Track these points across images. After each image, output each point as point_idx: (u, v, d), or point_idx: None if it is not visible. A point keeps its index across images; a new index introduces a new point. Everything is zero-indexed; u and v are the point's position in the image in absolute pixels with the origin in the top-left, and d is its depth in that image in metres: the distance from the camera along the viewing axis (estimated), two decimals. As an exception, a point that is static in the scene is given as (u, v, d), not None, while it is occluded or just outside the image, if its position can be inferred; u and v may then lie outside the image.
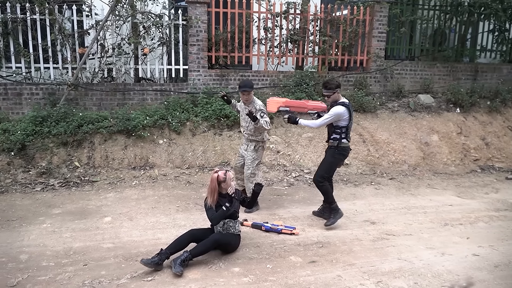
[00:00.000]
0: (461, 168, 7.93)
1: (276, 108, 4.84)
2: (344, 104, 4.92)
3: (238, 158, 5.78)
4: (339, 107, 4.87)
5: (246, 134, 5.53)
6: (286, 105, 4.83)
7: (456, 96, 9.00)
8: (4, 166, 6.45)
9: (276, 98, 4.95)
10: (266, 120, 5.23)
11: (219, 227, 4.25)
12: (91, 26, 7.71)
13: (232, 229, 4.29)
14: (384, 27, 9.02)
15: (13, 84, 7.35)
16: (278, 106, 4.82)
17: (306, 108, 4.91)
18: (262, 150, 5.63)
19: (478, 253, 4.47)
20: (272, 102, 4.95)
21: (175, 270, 3.79)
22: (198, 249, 4.02)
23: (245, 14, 8.37)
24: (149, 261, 3.84)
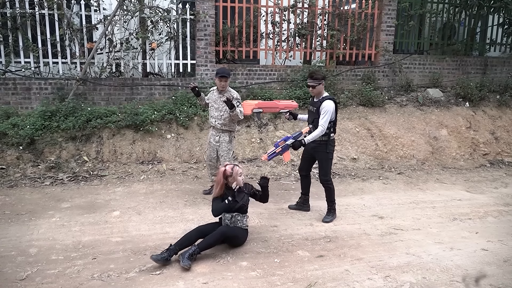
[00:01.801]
0: (470, 162, 7.87)
1: (250, 110, 4.92)
2: (331, 98, 4.92)
3: (212, 150, 5.74)
4: (329, 102, 4.85)
5: (219, 124, 5.52)
6: (259, 107, 4.90)
7: (465, 90, 8.92)
8: (13, 161, 6.51)
9: (248, 101, 5.08)
10: (241, 110, 5.30)
11: (226, 220, 4.27)
12: (99, 21, 7.72)
13: (239, 223, 4.30)
14: (392, 20, 8.94)
15: (22, 79, 7.40)
16: (251, 108, 4.89)
17: (278, 108, 4.97)
18: (234, 141, 5.71)
19: (487, 248, 4.44)
20: (246, 105, 5.05)
21: (183, 264, 3.81)
22: (205, 242, 4.04)
23: (253, 9, 8.34)
24: (159, 257, 3.86)
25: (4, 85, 7.29)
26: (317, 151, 5.06)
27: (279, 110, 4.96)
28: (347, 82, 8.91)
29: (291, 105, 5.01)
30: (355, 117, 8.16)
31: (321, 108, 4.82)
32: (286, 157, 4.99)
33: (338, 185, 6.49)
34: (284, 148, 4.90)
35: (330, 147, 5.01)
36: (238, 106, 5.27)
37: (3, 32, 7.27)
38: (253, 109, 4.88)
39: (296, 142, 4.84)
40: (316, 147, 5.03)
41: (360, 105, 8.46)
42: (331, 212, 5.16)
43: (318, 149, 5.04)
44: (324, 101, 4.85)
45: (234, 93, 5.45)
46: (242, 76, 8.38)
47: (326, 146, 4.98)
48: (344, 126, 7.91)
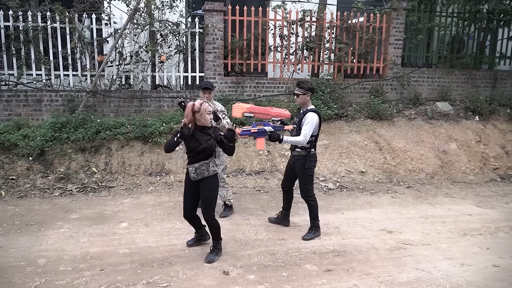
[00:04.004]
0: (480, 177, 7.79)
1: (241, 113, 4.78)
2: (316, 111, 4.84)
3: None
4: (313, 114, 4.75)
5: None
6: (250, 111, 4.77)
7: (475, 104, 8.87)
8: (23, 171, 6.57)
9: (241, 104, 4.90)
10: (228, 121, 5.27)
11: (192, 174, 4.18)
12: (109, 34, 7.84)
13: (206, 172, 4.18)
14: (401, 34, 8.97)
15: (33, 91, 7.50)
16: (242, 112, 4.76)
17: (269, 115, 4.84)
18: (222, 154, 5.56)
19: (498, 264, 4.37)
20: (237, 108, 4.87)
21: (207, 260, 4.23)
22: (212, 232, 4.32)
23: (261, 22, 8.41)
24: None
25: (15, 96, 7.39)
26: (296, 166, 4.96)
27: (270, 118, 4.86)
28: (355, 95, 8.91)
29: (283, 113, 4.91)
30: (363, 130, 8.14)
31: (303, 119, 4.73)
32: (259, 143, 4.76)
33: (346, 199, 6.48)
34: (260, 132, 4.66)
35: (309, 163, 4.86)
36: (224, 118, 5.23)
37: (16, 45, 7.40)
38: (244, 112, 4.79)
39: (275, 133, 4.65)
40: (295, 162, 4.95)
41: (368, 118, 8.45)
42: (313, 230, 5.00)
43: (296, 165, 4.92)
44: (307, 112, 4.77)
45: (219, 106, 5.48)
46: (250, 88, 8.42)
47: (304, 161, 4.84)
48: (352, 139, 7.89)
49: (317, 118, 4.77)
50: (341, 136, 7.96)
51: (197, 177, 4.17)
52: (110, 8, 7.84)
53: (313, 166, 4.93)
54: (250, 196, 6.46)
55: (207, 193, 4.22)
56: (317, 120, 4.76)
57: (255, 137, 4.72)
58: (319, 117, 4.83)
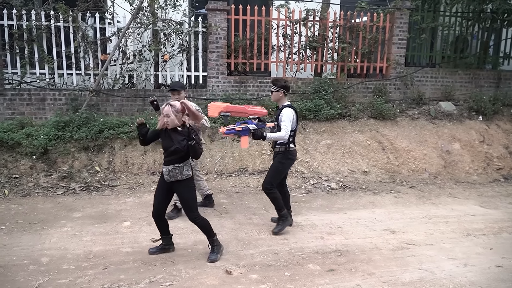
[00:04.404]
0: (483, 177, 7.76)
1: (217, 112, 4.76)
2: (292, 106, 4.91)
3: None
4: (288, 109, 4.82)
5: None
6: (227, 110, 4.77)
7: (478, 104, 8.84)
8: (27, 170, 6.59)
9: (217, 103, 4.90)
10: (205, 119, 5.26)
11: (165, 175, 4.14)
12: (113, 34, 7.85)
13: (179, 176, 4.09)
14: (404, 34, 8.94)
15: (36, 89, 7.52)
16: (219, 111, 4.75)
17: (246, 113, 4.82)
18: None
19: (501, 265, 4.35)
20: (213, 107, 4.87)
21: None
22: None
23: (265, 21, 8.41)
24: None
25: (19, 95, 7.42)
26: (274, 158, 5.03)
27: (247, 116, 4.85)
28: (358, 95, 8.90)
29: (260, 111, 4.87)
30: (366, 130, 8.13)
31: (280, 116, 4.82)
32: (243, 142, 4.77)
33: (349, 198, 6.47)
34: (244, 130, 4.68)
35: (287, 159, 4.94)
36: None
37: (19, 44, 7.42)
38: (220, 111, 4.77)
39: (258, 131, 4.68)
40: (274, 155, 5.03)
41: (371, 117, 8.43)
42: (280, 221, 5.02)
43: (274, 157, 5.02)
44: (283, 108, 4.86)
45: (193, 106, 5.25)
46: (253, 88, 8.42)
47: (282, 157, 4.92)
48: (355, 139, 7.88)
49: (293, 112, 4.84)
50: (344, 135, 7.94)
51: (170, 179, 4.12)
52: (113, 7, 7.85)
53: (288, 163, 5.01)
54: (252, 195, 6.46)
55: (184, 195, 4.17)
56: (293, 114, 4.84)
57: (240, 135, 4.75)
58: (295, 112, 4.90)
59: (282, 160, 4.95)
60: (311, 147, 7.65)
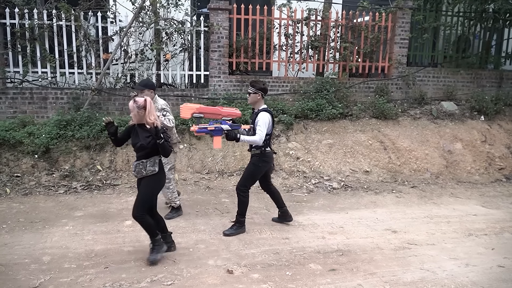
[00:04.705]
0: (485, 177, 7.75)
1: (190, 114, 4.67)
2: (268, 111, 4.85)
3: None
4: (265, 114, 4.76)
5: None
6: (200, 112, 4.69)
7: (480, 104, 8.83)
8: (28, 169, 6.59)
9: (189, 104, 4.81)
10: (170, 118, 5.17)
11: (133, 172, 4.15)
12: (115, 33, 7.85)
13: (143, 172, 4.09)
14: (406, 33, 8.93)
15: (38, 88, 7.53)
16: (191, 113, 4.67)
17: (220, 114, 4.75)
18: (173, 154, 5.42)
19: (503, 265, 4.35)
20: (186, 109, 4.77)
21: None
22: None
23: (266, 21, 8.40)
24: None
25: (21, 94, 7.43)
26: (250, 160, 4.97)
27: (221, 117, 4.80)
28: (360, 95, 8.89)
29: (234, 113, 4.82)
30: (368, 130, 8.12)
31: (256, 120, 4.75)
32: (216, 142, 4.73)
33: (350, 198, 6.46)
34: (217, 130, 4.64)
35: (262, 162, 4.89)
36: (165, 116, 5.13)
37: (22, 42, 7.42)
38: (193, 113, 4.71)
39: (232, 132, 4.63)
40: (251, 158, 4.97)
41: (373, 117, 8.42)
42: (236, 225, 4.96)
43: (251, 160, 4.96)
44: (260, 112, 4.79)
45: (159, 104, 5.28)
46: (255, 87, 8.40)
47: (258, 159, 4.87)
48: (357, 139, 7.87)
49: (269, 117, 4.79)
50: (346, 135, 7.93)
51: (137, 175, 4.14)
52: (115, 6, 7.85)
53: (264, 166, 4.94)
54: (254, 195, 6.45)
55: (142, 189, 4.14)
56: (270, 119, 4.79)
57: (212, 135, 4.71)
58: (272, 117, 4.85)
59: (258, 163, 4.89)
60: (313, 146, 7.65)
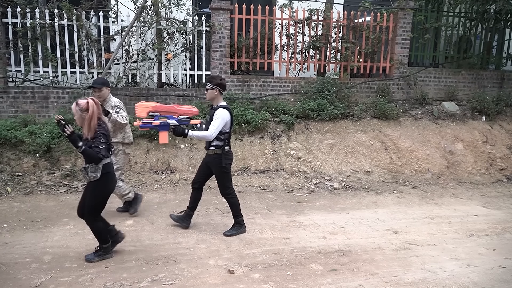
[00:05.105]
0: (486, 177, 7.74)
1: (146, 113, 4.61)
2: (226, 107, 4.73)
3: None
4: (223, 110, 4.65)
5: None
6: (155, 110, 4.61)
7: (481, 104, 8.82)
8: (30, 168, 6.60)
9: (145, 103, 4.73)
10: (123, 115, 5.06)
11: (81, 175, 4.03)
12: (116, 32, 7.86)
13: (86, 177, 3.99)
14: (408, 33, 8.92)
15: (40, 87, 7.54)
16: (147, 111, 4.58)
17: (176, 112, 4.70)
18: (123, 155, 5.32)
19: (505, 265, 4.34)
20: (141, 107, 4.69)
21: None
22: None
23: (268, 21, 8.40)
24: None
25: (22, 93, 7.43)
26: (212, 165, 4.84)
27: (177, 116, 4.71)
28: (361, 95, 8.89)
29: (190, 111, 4.78)
30: (369, 130, 8.12)
31: (214, 115, 4.64)
32: (162, 138, 4.61)
33: (351, 198, 6.46)
34: (164, 126, 4.52)
35: (226, 161, 4.79)
36: (118, 113, 5.05)
37: (23, 42, 7.43)
38: (149, 111, 4.65)
39: (180, 127, 4.53)
40: (211, 161, 4.83)
41: (374, 117, 8.42)
42: (235, 226, 4.96)
43: (213, 163, 4.82)
44: (218, 109, 4.68)
45: (112, 101, 5.20)
46: (256, 87, 8.42)
47: (221, 160, 4.76)
48: (358, 139, 7.87)
49: (228, 114, 4.69)
50: (347, 135, 7.93)
51: (83, 179, 4.05)
52: (117, 6, 7.85)
53: (229, 164, 4.87)
54: (255, 195, 6.46)
55: (88, 197, 4.06)
56: (228, 116, 4.69)
57: (158, 130, 4.60)
58: (231, 114, 4.76)
59: (223, 163, 4.79)
60: (314, 146, 7.65)
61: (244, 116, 7.60)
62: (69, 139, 3.88)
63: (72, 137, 3.85)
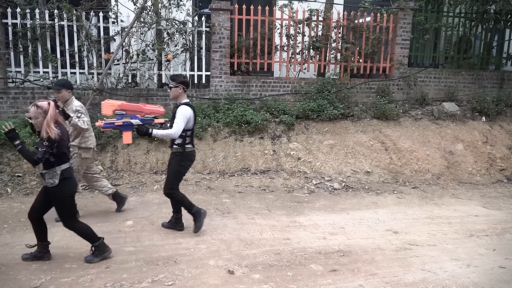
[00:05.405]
0: (486, 178, 7.74)
1: (111, 111, 4.56)
2: (189, 104, 4.69)
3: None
4: (185, 107, 4.61)
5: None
6: (121, 108, 4.51)
7: (481, 105, 8.82)
8: (29, 169, 6.59)
9: (111, 101, 4.68)
10: (84, 120, 4.97)
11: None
12: (116, 33, 7.86)
13: (44, 182, 3.94)
14: (408, 34, 8.93)
15: (40, 88, 7.53)
16: (113, 109, 4.53)
17: (142, 112, 4.65)
18: (78, 158, 5.17)
19: (505, 266, 4.34)
20: (107, 105, 4.62)
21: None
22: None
23: (268, 21, 8.41)
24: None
25: (22, 94, 7.43)
26: (171, 162, 4.80)
27: (144, 114, 4.63)
28: (361, 95, 8.89)
29: (157, 110, 4.75)
30: (369, 130, 8.12)
31: (176, 113, 4.59)
32: (125, 137, 4.52)
33: (351, 199, 6.46)
34: (127, 126, 4.44)
35: (185, 161, 4.76)
36: (80, 117, 4.95)
37: (23, 42, 7.44)
38: (114, 110, 4.55)
39: (144, 126, 4.45)
40: (172, 158, 4.79)
41: (374, 118, 8.42)
42: (195, 219, 4.87)
43: (172, 160, 4.78)
44: (180, 106, 4.64)
45: (74, 105, 5.10)
46: (256, 88, 8.42)
47: (181, 158, 4.72)
48: (358, 139, 7.87)
49: (190, 111, 4.64)
50: (347, 136, 7.93)
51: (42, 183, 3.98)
52: (117, 6, 7.85)
53: (188, 165, 4.82)
54: (255, 195, 6.46)
55: (54, 203, 4.02)
56: (190, 113, 4.63)
57: (121, 130, 4.52)
58: (193, 110, 4.70)
59: (181, 162, 4.74)
60: (314, 147, 7.65)
61: (244, 116, 7.60)
62: (6, 136, 3.86)
63: (10, 134, 3.83)
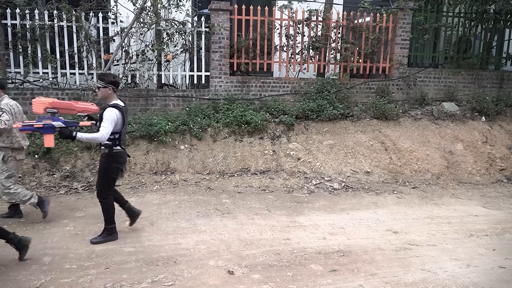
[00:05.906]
0: (486, 178, 7.74)
1: (43, 109, 4.36)
2: (116, 106, 4.45)
3: None
4: (111, 109, 4.37)
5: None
6: (53, 106, 4.34)
7: (481, 104, 8.82)
8: (29, 169, 6.59)
9: (42, 99, 4.46)
10: (2, 119, 4.77)
11: None
12: (116, 33, 7.86)
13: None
14: (407, 34, 8.93)
15: (39, 89, 7.53)
16: (44, 107, 4.34)
17: (74, 109, 4.50)
18: (14, 161, 5.03)
19: (504, 266, 4.34)
20: (38, 103, 4.40)
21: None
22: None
23: (267, 22, 8.41)
24: None
25: (22, 95, 7.43)
26: (100, 163, 4.66)
27: (76, 113, 4.49)
28: (361, 95, 8.89)
29: (90, 108, 4.59)
30: (369, 130, 8.12)
31: (103, 116, 4.37)
32: (47, 141, 4.27)
33: (351, 199, 6.46)
34: (48, 128, 4.18)
35: (111, 162, 4.52)
36: (0, 116, 4.78)
37: (23, 43, 7.44)
38: (46, 108, 4.34)
39: (67, 129, 4.20)
40: (100, 159, 4.66)
41: (374, 118, 8.42)
42: (104, 233, 4.65)
43: (101, 160, 4.64)
44: (107, 108, 4.41)
45: (1, 103, 4.92)
46: (255, 88, 8.42)
47: (106, 160, 4.53)
48: (358, 139, 7.87)
49: (117, 113, 4.40)
50: (347, 136, 7.93)
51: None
52: (116, 7, 7.86)
53: (115, 166, 4.57)
54: (255, 195, 6.46)
55: None
56: (117, 115, 4.40)
57: (41, 133, 4.27)
58: (121, 112, 4.45)
59: (107, 164, 4.54)
60: (314, 147, 7.65)
61: (244, 116, 7.60)
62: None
63: None
